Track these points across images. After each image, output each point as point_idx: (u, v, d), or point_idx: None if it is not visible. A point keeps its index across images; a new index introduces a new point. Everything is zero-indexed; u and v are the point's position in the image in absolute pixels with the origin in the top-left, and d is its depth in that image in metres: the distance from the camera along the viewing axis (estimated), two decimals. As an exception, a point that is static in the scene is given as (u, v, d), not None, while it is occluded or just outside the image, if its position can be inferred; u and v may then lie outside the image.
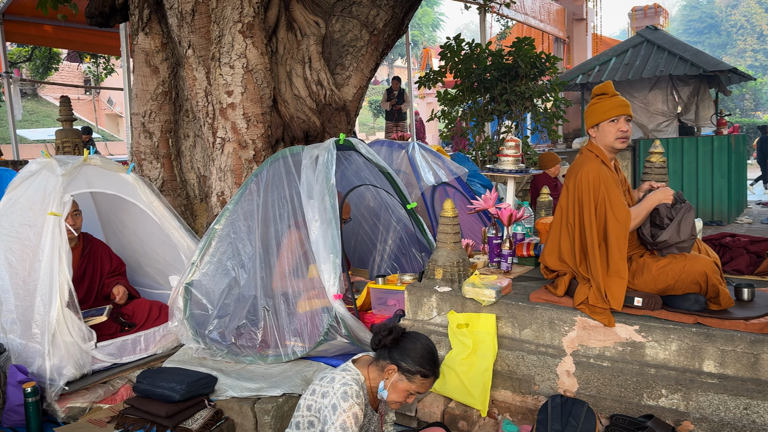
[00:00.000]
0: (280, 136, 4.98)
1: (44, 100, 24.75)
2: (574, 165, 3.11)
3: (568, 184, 3.07)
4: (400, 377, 2.34)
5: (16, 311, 3.52)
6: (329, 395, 2.29)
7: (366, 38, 5.24)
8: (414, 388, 2.35)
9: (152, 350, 3.79)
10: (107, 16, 5.50)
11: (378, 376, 2.40)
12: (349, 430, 2.22)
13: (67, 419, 3.27)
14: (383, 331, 2.40)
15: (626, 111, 3.00)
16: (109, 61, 16.66)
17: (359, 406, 2.28)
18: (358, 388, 2.32)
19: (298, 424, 2.38)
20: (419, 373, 2.33)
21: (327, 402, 2.28)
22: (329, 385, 2.34)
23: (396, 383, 2.34)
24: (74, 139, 8.47)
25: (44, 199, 3.63)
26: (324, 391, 2.33)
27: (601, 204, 2.93)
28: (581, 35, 16.66)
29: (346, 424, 2.23)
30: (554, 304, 3.10)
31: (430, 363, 2.36)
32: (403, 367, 2.33)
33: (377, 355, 2.44)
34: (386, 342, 2.38)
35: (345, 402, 2.25)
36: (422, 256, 4.50)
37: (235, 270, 3.78)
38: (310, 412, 2.34)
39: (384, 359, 2.39)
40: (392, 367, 2.35)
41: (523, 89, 7.99)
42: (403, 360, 2.34)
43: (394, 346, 2.38)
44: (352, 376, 2.35)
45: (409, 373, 2.33)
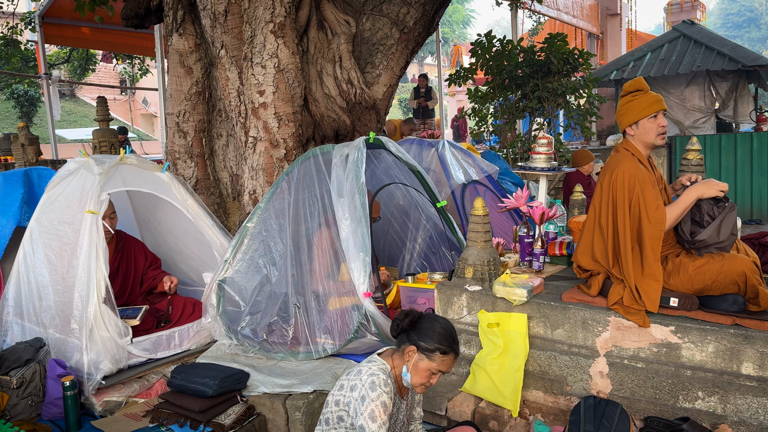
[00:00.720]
0: (311, 135, 5.01)
1: (82, 100, 25.37)
2: (609, 164, 3.04)
3: (603, 183, 3.01)
4: (420, 357, 2.36)
5: (56, 307, 3.62)
6: (357, 388, 2.32)
7: (396, 36, 5.24)
8: (435, 367, 2.36)
9: (186, 346, 3.86)
10: (142, 18, 5.61)
11: (401, 363, 2.43)
12: (378, 419, 2.24)
13: (104, 413, 3.35)
14: (400, 316, 2.44)
15: (663, 106, 2.96)
16: (144, 62, 16.99)
17: (387, 395, 2.30)
18: (385, 376, 2.34)
19: (328, 420, 2.40)
20: (438, 350, 2.34)
21: (356, 395, 2.30)
22: (356, 377, 2.36)
23: (417, 363, 2.36)
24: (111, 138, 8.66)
25: (82, 197, 3.72)
26: (352, 384, 2.35)
27: (636, 205, 2.87)
28: (615, 31, 16.36)
29: (375, 413, 2.25)
30: (587, 304, 3.05)
31: (448, 340, 2.37)
32: (422, 346, 2.35)
33: (398, 342, 2.46)
34: (403, 325, 2.41)
35: (373, 392, 2.28)
36: (452, 254, 4.48)
37: (267, 267, 3.82)
38: (338, 407, 2.36)
39: (404, 343, 2.42)
40: (412, 348, 2.37)
41: (556, 86, 7.88)
42: (422, 339, 2.36)
43: (412, 329, 2.41)
44: (378, 366, 2.38)
45: (428, 351, 2.34)
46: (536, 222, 3.76)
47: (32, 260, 3.80)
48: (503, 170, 6.52)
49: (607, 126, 12.45)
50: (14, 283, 3.89)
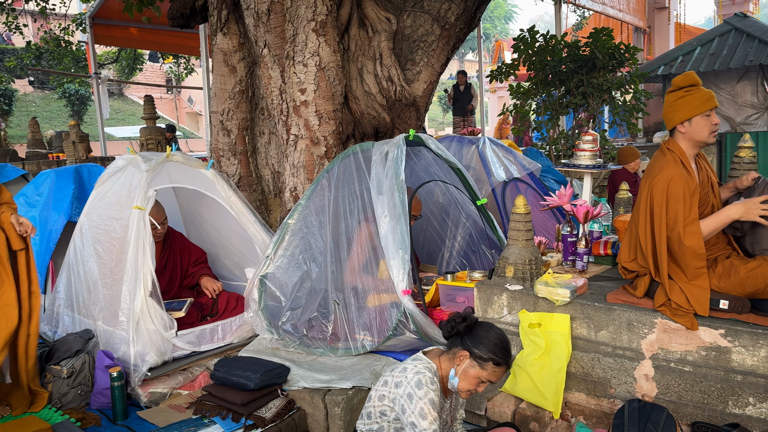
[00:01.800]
0: (351, 133, 5.03)
1: (129, 99, 26.11)
2: (652, 166, 2.91)
3: (644, 188, 2.88)
4: (472, 363, 2.34)
5: (104, 299, 3.73)
6: (403, 385, 2.31)
7: (437, 33, 5.21)
8: (485, 376, 2.34)
9: (229, 339, 3.93)
10: (188, 18, 5.73)
11: (449, 365, 2.40)
12: (428, 416, 2.24)
13: (149, 404, 3.44)
14: (457, 318, 2.41)
15: (716, 103, 2.85)
16: (190, 61, 17.37)
17: (434, 393, 2.29)
18: (431, 375, 2.33)
19: (370, 414, 2.41)
20: (492, 360, 2.32)
21: (401, 391, 2.30)
22: (402, 375, 2.35)
23: (467, 370, 2.34)
24: (157, 136, 8.89)
25: (130, 193, 3.82)
26: (397, 381, 2.35)
27: (672, 220, 2.75)
28: (663, 24, 15.91)
29: (425, 411, 2.24)
30: (633, 305, 2.97)
31: (503, 351, 2.35)
32: (476, 353, 2.33)
33: (449, 344, 2.44)
34: (459, 328, 2.39)
35: (420, 389, 2.27)
36: (492, 253, 4.44)
37: (307, 264, 3.86)
38: (382, 402, 2.37)
39: (456, 346, 2.39)
40: (464, 353, 2.35)
41: (601, 81, 7.72)
42: (476, 346, 2.33)
43: (467, 333, 2.38)
44: (424, 365, 2.37)
45: (481, 359, 2.32)
46: (580, 221, 3.69)
47: (82, 254, 3.93)
48: (546, 168, 6.41)
49: (654, 122, 12.12)
50: (65, 276, 4.03)
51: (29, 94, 23.36)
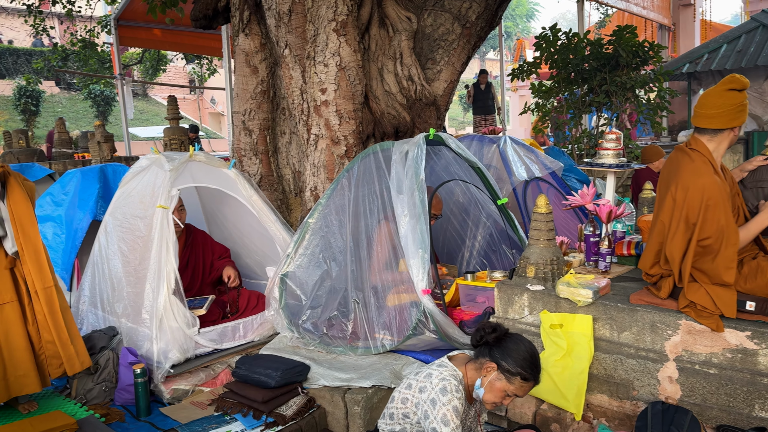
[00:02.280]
0: (371, 132, 5.04)
1: (153, 99, 26.45)
2: (681, 170, 2.77)
3: (676, 195, 2.74)
4: (499, 376, 2.30)
5: (128, 297, 3.79)
6: (427, 390, 2.29)
7: (458, 32, 5.19)
8: (512, 390, 2.31)
9: (250, 337, 3.96)
10: (210, 19, 5.79)
11: (476, 375, 2.37)
12: (450, 423, 2.22)
13: (172, 400, 3.49)
14: (487, 328, 2.37)
15: None
16: (212, 62, 17.54)
17: (458, 401, 2.27)
18: (456, 383, 2.31)
19: (392, 415, 2.41)
20: (519, 375, 2.29)
21: (425, 397, 2.28)
22: (426, 380, 2.33)
23: (493, 382, 2.31)
24: (180, 136, 8.99)
25: (153, 192, 3.87)
26: (421, 386, 2.33)
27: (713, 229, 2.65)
28: (688, 21, 15.66)
29: (447, 417, 2.22)
30: (656, 307, 2.93)
31: (532, 367, 2.31)
32: (504, 366, 2.29)
33: (477, 353, 2.41)
34: (489, 339, 2.35)
35: (444, 396, 2.25)
36: (513, 253, 4.41)
37: (327, 263, 3.87)
38: (404, 405, 2.36)
39: (483, 357, 2.36)
40: (491, 365, 2.32)
41: (625, 79, 7.61)
42: (504, 359, 2.30)
43: (495, 345, 2.34)
44: (450, 372, 2.34)
45: (509, 373, 2.29)
46: (603, 220, 3.64)
47: (107, 252, 3.99)
48: (568, 167, 6.34)
49: (679, 121, 11.94)
50: (90, 274, 4.09)
51: (56, 95, 23.80)
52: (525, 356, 2.30)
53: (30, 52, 23.67)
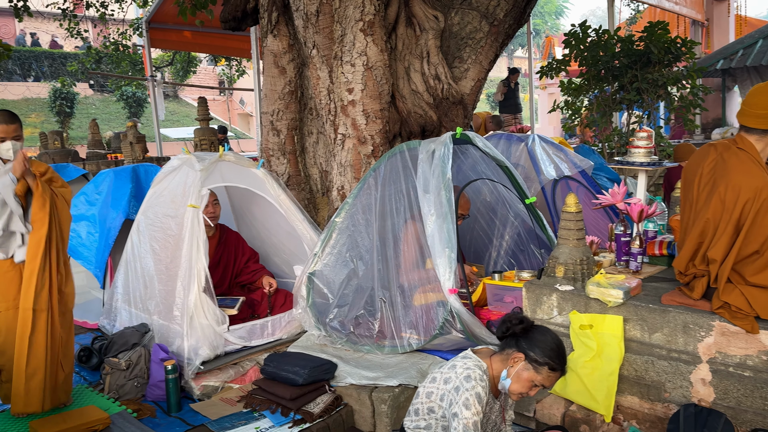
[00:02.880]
0: (398, 132, 5.04)
1: (184, 101, 26.86)
2: (732, 172, 2.66)
3: (726, 197, 2.65)
4: (527, 366, 2.32)
5: (160, 295, 3.86)
6: (452, 380, 2.31)
7: (485, 30, 5.16)
8: (539, 380, 2.32)
9: (278, 335, 4.00)
10: (239, 21, 5.86)
11: (501, 366, 2.39)
12: (472, 408, 2.23)
13: (202, 396, 3.54)
14: (513, 320, 2.39)
15: None
16: (241, 63, 17.74)
17: (482, 389, 2.28)
18: (481, 372, 2.32)
19: (417, 411, 2.42)
20: (547, 365, 2.30)
21: (450, 387, 2.31)
22: (451, 371, 2.36)
23: (521, 372, 2.32)
24: (210, 137, 9.10)
25: (184, 192, 3.93)
26: (446, 377, 2.35)
27: (762, 234, 2.60)
28: (722, 17, 15.28)
29: (470, 402, 2.24)
30: (689, 307, 2.87)
31: (559, 357, 2.32)
32: (531, 356, 2.31)
33: (503, 345, 2.42)
34: (516, 330, 2.37)
35: (467, 383, 2.27)
36: (541, 252, 4.36)
37: (354, 262, 3.89)
38: (429, 399, 2.37)
39: (510, 347, 2.37)
40: (519, 355, 2.33)
41: (656, 76, 7.47)
42: (532, 350, 2.31)
43: (522, 336, 2.36)
44: (474, 363, 2.36)
45: (537, 363, 2.30)
46: (634, 220, 3.58)
47: (139, 251, 4.07)
48: (598, 165, 6.26)
49: (713, 119, 11.67)
50: (123, 272, 4.18)
51: (89, 96, 24.34)
52: (552, 346, 2.32)
53: (65, 55, 24.26)
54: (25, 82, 23.63)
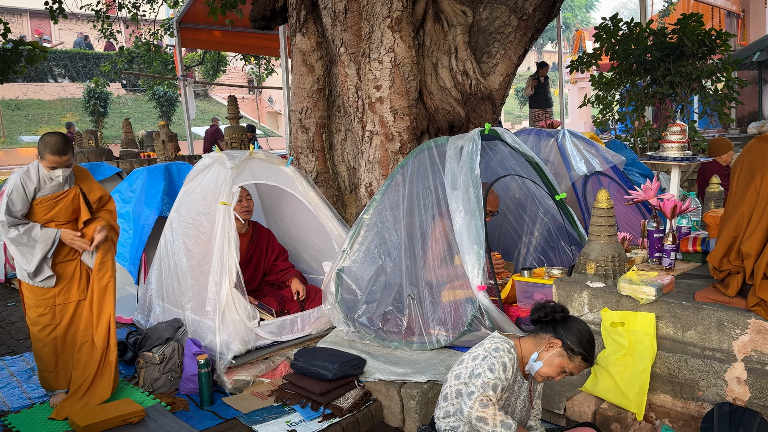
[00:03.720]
0: (425, 128, 5.04)
1: (214, 99, 27.23)
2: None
3: (761, 188, 2.59)
4: (562, 353, 2.37)
5: (192, 290, 3.93)
6: (480, 356, 2.37)
7: (514, 24, 5.11)
8: (570, 368, 2.38)
9: (307, 330, 4.04)
10: (268, 19, 5.91)
11: (532, 349, 2.43)
12: (496, 372, 2.28)
13: (234, 390, 3.60)
14: (556, 307, 2.44)
15: None
16: (270, 62, 17.89)
17: (509, 360, 2.33)
18: (509, 346, 2.38)
19: (446, 396, 2.46)
20: (581, 355, 2.36)
21: (478, 361, 2.36)
22: (478, 348, 2.43)
23: (554, 358, 2.37)
24: (240, 135, 9.21)
25: (216, 189, 4.00)
26: (474, 354, 2.41)
27: None
28: (759, 8, 14.87)
29: (495, 367, 2.29)
30: (724, 305, 2.82)
31: (592, 348, 2.39)
32: (568, 344, 2.36)
33: (537, 329, 2.47)
34: (556, 317, 2.42)
35: (495, 353, 2.34)
36: (572, 249, 4.32)
37: (382, 258, 3.90)
38: (458, 381, 2.41)
39: (546, 333, 2.42)
40: (556, 341, 2.38)
41: (690, 69, 7.32)
42: (569, 338, 2.36)
43: (561, 323, 2.41)
44: (502, 339, 2.42)
45: (572, 351, 2.35)
46: (667, 216, 3.52)
47: (172, 247, 4.15)
48: (630, 160, 6.16)
49: (750, 112, 11.39)
50: (156, 268, 4.27)
51: (122, 96, 24.85)
52: (588, 338, 2.39)
53: (98, 56, 24.80)
54: (60, 83, 24.24)
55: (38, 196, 3.36)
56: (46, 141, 3.30)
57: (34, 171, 3.36)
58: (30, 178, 3.34)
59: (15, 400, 3.63)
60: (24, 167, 3.42)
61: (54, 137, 3.32)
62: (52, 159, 3.29)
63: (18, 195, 3.29)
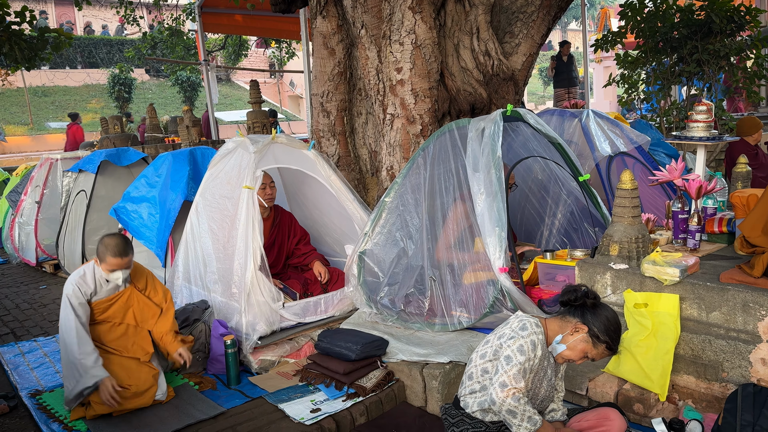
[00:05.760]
0: (447, 110, 5.01)
1: (236, 84, 27.33)
2: None
3: None
4: (587, 339, 2.38)
5: (218, 273, 4.00)
6: (506, 335, 2.39)
7: (537, 3, 5.04)
8: (592, 354, 2.40)
9: (331, 312, 4.10)
10: (289, 2, 5.91)
11: (558, 330, 2.44)
12: (526, 353, 2.31)
13: (260, 370, 3.67)
14: (588, 293, 2.43)
15: None
16: (291, 46, 17.88)
17: (537, 338, 2.35)
18: (536, 323, 2.40)
19: (471, 375, 2.49)
20: (606, 344, 2.37)
21: (504, 340, 2.37)
22: (504, 327, 2.44)
23: (578, 343, 2.38)
24: (263, 119, 9.25)
25: (239, 174, 4.05)
26: (500, 333, 2.43)
27: None
28: (793, -20, 14.38)
29: (524, 348, 2.31)
30: (749, 286, 2.79)
31: (618, 338, 2.40)
32: (594, 331, 2.37)
33: (564, 312, 2.48)
34: (587, 302, 2.42)
35: (523, 331, 2.36)
36: (596, 231, 4.29)
37: (404, 240, 3.92)
38: (484, 360, 2.44)
39: (574, 317, 2.43)
40: (583, 327, 2.39)
41: (718, 47, 7.15)
42: (596, 325, 2.38)
43: (589, 309, 2.41)
44: (528, 318, 2.43)
45: (597, 339, 2.37)
46: (692, 196, 3.48)
47: (198, 231, 4.22)
48: (656, 141, 6.07)
49: (781, 89, 11.07)
50: (183, 252, 4.34)
51: (146, 82, 25.09)
52: (615, 327, 2.39)
53: (122, 42, 25.03)
54: (85, 69, 24.55)
55: (94, 300, 3.31)
56: (106, 244, 3.21)
57: (90, 275, 3.28)
58: (86, 283, 3.27)
59: (49, 380, 3.75)
60: (79, 271, 3.33)
61: (114, 239, 3.22)
62: (113, 262, 3.21)
63: (79, 304, 3.21)
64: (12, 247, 7.22)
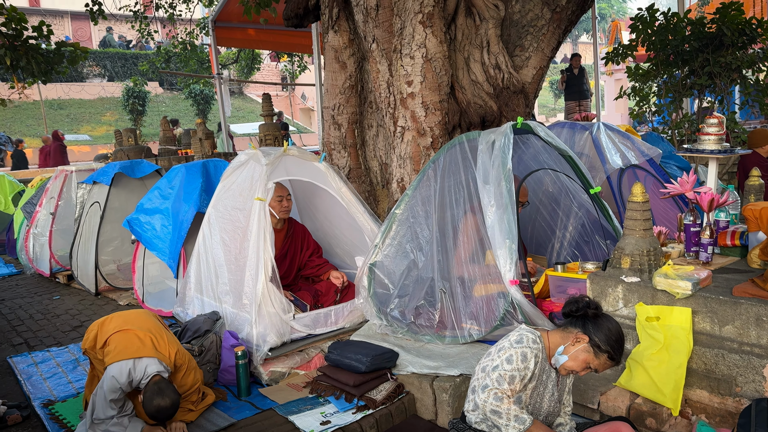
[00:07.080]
0: (457, 123, 5.04)
1: (248, 97, 27.56)
2: None
3: None
4: (588, 349, 2.38)
5: (229, 284, 4.03)
6: (505, 348, 2.40)
7: (547, 16, 5.07)
8: (595, 365, 2.39)
9: (341, 324, 4.10)
10: (301, 17, 5.98)
11: (559, 341, 2.44)
12: (513, 363, 2.32)
13: (270, 381, 3.68)
14: (590, 303, 2.43)
15: None
16: (303, 59, 18.04)
17: (531, 351, 2.35)
18: (534, 337, 2.40)
19: (474, 389, 2.49)
20: (608, 354, 2.37)
21: (502, 352, 2.38)
22: (504, 340, 2.46)
23: (579, 353, 2.38)
24: (275, 132, 9.33)
25: (251, 185, 4.08)
26: (500, 347, 2.44)
27: None
28: (806, -8, 14.31)
29: (513, 358, 2.33)
30: (762, 300, 2.77)
31: (620, 348, 2.39)
32: (595, 341, 2.37)
33: (567, 323, 2.48)
34: (588, 313, 2.42)
35: (518, 344, 2.37)
36: (607, 243, 4.27)
37: (414, 253, 3.93)
38: (484, 373, 2.43)
39: (575, 327, 2.43)
40: (584, 337, 2.39)
41: (730, 60, 7.13)
42: (597, 335, 2.37)
43: (592, 320, 2.41)
44: (527, 330, 2.45)
45: (599, 349, 2.36)
46: (704, 209, 3.47)
47: (210, 242, 4.25)
48: (667, 153, 6.04)
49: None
50: (195, 263, 4.38)
51: (160, 95, 25.35)
52: (617, 337, 2.38)
53: (136, 56, 25.35)
54: (100, 82, 24.87)
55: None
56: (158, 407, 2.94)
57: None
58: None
59: (61, 390, 3.79)
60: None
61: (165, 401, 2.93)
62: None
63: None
64: (26, 258, 7.31)
